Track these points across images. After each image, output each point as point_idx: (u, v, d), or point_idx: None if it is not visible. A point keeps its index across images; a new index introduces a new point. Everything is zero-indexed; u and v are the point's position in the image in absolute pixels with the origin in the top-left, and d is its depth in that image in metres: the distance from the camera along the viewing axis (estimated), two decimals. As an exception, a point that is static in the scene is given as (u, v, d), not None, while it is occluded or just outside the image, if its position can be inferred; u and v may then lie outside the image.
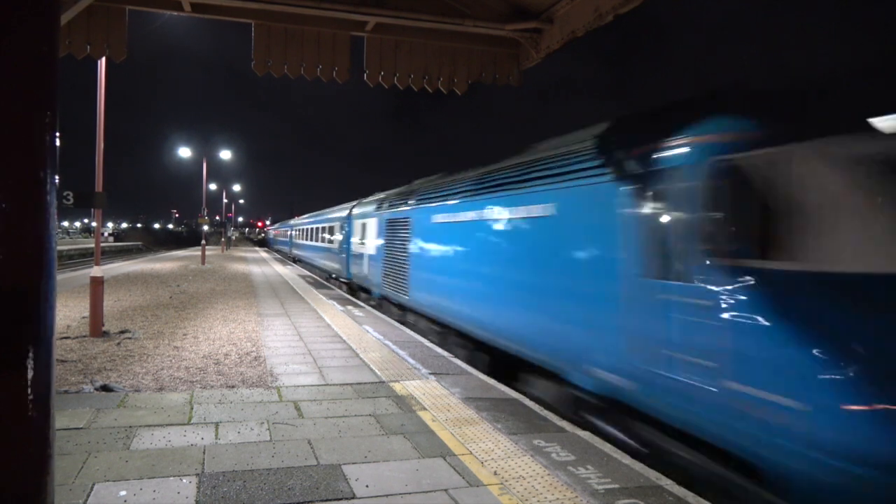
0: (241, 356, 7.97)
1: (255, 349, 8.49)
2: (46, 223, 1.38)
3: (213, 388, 6.31)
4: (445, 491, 3.91)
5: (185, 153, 31.49)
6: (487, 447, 4.74)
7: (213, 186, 58.67)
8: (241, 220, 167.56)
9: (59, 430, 4.72)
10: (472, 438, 4.94)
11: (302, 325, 11.01)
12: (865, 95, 4.37)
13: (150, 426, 4.99)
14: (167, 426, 5.00)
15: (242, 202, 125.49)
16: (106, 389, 6.09)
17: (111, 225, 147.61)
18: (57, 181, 1.42)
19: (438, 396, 6.21)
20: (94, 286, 9.36)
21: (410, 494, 3.84)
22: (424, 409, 5.76)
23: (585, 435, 5.09)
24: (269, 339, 9.42)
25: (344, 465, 4.29)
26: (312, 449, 4.59)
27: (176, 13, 6.68)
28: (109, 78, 9.89)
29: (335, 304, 14.59)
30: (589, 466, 4.36)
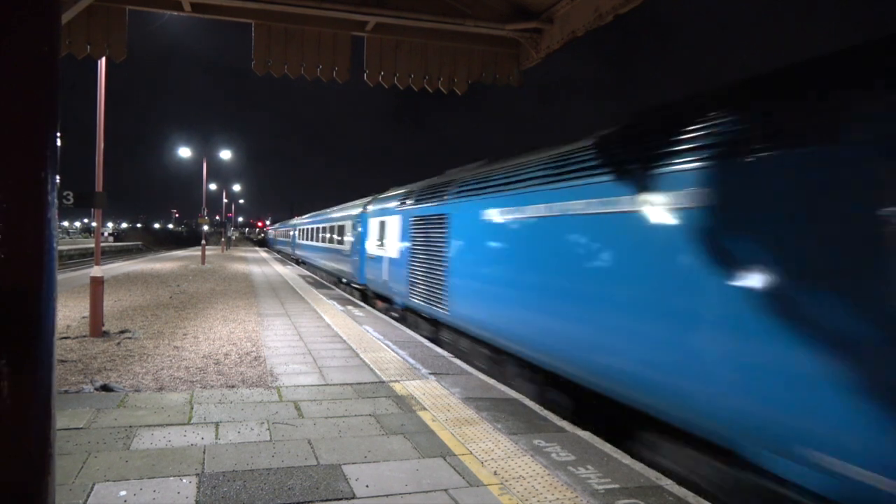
0: (241, 356, 7.98)
1: (255, 349, 8.49)
2: (47, 223, 1.38)
3: (213, 387, 6.32)
4: (445, 491, 3.91)
5: (185, 153, 31.51)
6: (487, 447, 4.74)
7: (213, 186, 58.78)
8: (241, 219, 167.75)
9: (59, 429, 4.72)
10: (472, 438, 4.94)
11: (302, 324, 11.02)
12: None
13: (150, 426, 4.99)
14: (167, 426, 5.00)
15: (242, 202, 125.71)
16: (106, 389, 6.09)
17: (111, 225, 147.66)
18: (58, 181, 1.42)
19: (438, 396, 6.21)
20: (94, 286, 9.37)
21: (410, 494, 3.84)
22: (424, 409, 5.76)
23: (585, 435, 5.10)
24: (269, 338, 9.42)
25: (344, 465, 4.29)
26: (312, 449, 4.59)
27: (176, 13, 6.68)
28: (109, 78, 9.90)
29: (335, 304, 14.59)
30: (589, 466, 4.37)
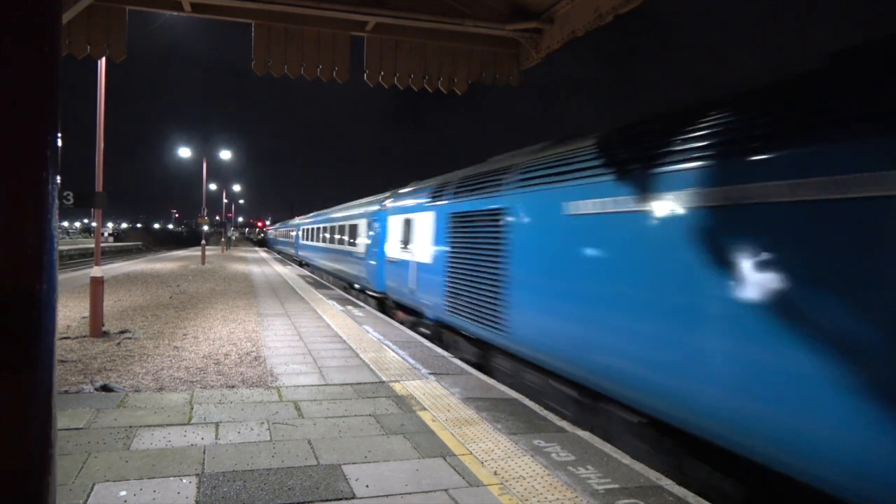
0: (241, 356, 7.98)
1: (255, 349, 8.49)
2: (47, 223, 1.38)
3: (213, 388, 6.31)
4: (445, 491, 3.91)
5: (185, 153, 31.50)
6: (487, 447, 4.74)
7: (213, 186, 58.77)
8: (240, 220, 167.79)
9: (59, 430, 4.71)
10: (472, 438, 4.94)
11: (302, 324, 11.01)
12: None
13: (150, 426, 4.99)
14: (167, 426, 5.00)
15: (242, 202, 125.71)
16: (106, 389, 6.09)
17: (111, 225, 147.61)
18: (58, 181, 1.42)
19: (438, 396, 6.21)
20: (93, 286, 9.37)
21: (410, 494, 3.84)
22: (424, 409, 5.76)
23: (585, 435, 5.10)
24: (269, 339, 9.42)
25: (344, 465, 4.29)
26: (312, 449, 4.59)
27: (176, 13, 6.68)
28: (109, 78, 9.90)
29: (335, 304, 14.59)
30: (589, 466, 4.37)
